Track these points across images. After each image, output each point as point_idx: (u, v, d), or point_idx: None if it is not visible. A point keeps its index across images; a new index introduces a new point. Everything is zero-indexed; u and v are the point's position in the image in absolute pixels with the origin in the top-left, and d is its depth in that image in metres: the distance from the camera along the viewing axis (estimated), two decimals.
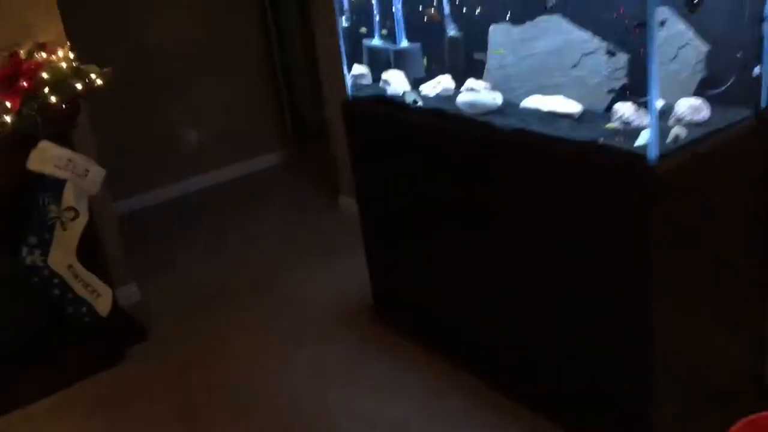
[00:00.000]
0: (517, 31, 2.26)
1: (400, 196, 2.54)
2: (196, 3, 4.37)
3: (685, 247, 1.81)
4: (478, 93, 2.22)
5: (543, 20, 2.18)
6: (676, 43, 1.89)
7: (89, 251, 2.74)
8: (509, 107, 2.20)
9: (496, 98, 2.18)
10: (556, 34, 2.15)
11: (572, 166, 1.89)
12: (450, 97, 2.38)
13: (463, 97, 2.24)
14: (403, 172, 2.48)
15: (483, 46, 2.37)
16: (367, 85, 2.66)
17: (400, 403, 2.40)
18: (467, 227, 2.28)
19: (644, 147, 1.75)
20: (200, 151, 4.52)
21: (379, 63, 2.67)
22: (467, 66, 2.44)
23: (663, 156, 1.72)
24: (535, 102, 2.16)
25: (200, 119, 4.51)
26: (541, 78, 2.22)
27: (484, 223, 2.21)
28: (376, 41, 2.69)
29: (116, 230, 3.18)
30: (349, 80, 2.62)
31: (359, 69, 2.67)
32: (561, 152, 1.92)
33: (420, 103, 2.37)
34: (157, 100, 4.30)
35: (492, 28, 2.33)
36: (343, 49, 2.59)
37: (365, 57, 2.70)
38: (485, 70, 2.38)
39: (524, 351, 2.22)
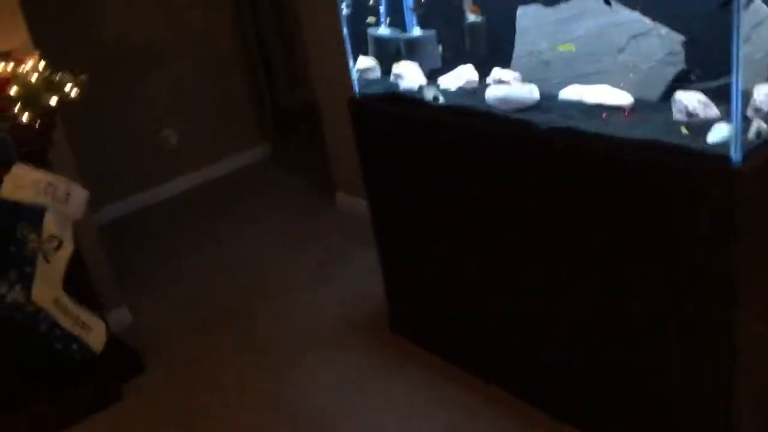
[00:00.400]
0: (550, 12, 2.02)
1: (417, 198, 2.30)
2: None
3: None
4: (511, 86, 1.98)
5: (582, 0, 1.93)
6: (750, 21, 1.67)
7: (74, 277, 2.45)
8: (546, 100, 1.96)
9: (532, 91, 1.94)
10: (598, 14, 1.91)
11: (633, 170, 1.67)
12: (475, 91, 2.13)
13: (493, 91, 1.99)
14: (421, 172, 2.24)
15: (509, 31, 2.12)
16: (375, 80, 2.40)
17: (431, 420, 2.20)
18: (496, 233, 2.06)
19: (722, 145, 1.53)
20: (179, 149, 4.22)
21: (387, 54, 2.40)
22: (491, 54, 2.19)
23: (746, 155, 1.51)
24: (576, 93, 1.93)
25: (176, 116, 4.19)
26: (581, 65, 1.98)
27: (517, 229, 1.99)
28: (383, 30, 2.42)
29: (101, 248, 2.89)
30: (354, 75, 2.35)
31: (366, 62, 2.41)
32: (617, 154, 1.69)
33: (442, 100, 2.12)
34: (127, 99, 3.97)
35: (520, 10, 2.08)
36: (347, 40, 2.31)
37: (371, 48, 2.43)
38: (513, 59, 2.14)
39: (569, 367, 2.02)
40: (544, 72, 2.07)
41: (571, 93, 1.94)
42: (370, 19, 2.35)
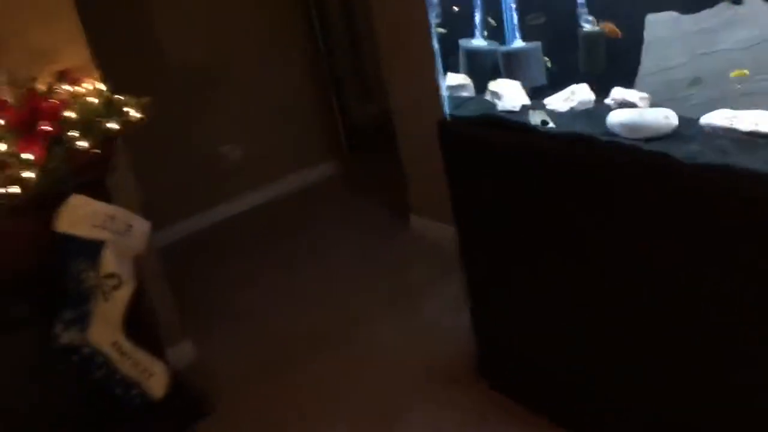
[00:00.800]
0: (689, 20, 1.68)
1: (516, 233, 1.99)
2: (229, 9, 3.83)
3: None
4: (640, 109, 1.65)
5: (731, 6, 1.59)
6: None
7: (134, 315, 2.24)
8: (683, 127, 1.63)
9: (669, 117, 1.61)
10: (753, 22, 1.57)
11: None
12: (591, 114, 1.81)
13: (618, 116, 1.67)
14: (523, 206, 1.93)
15: (633, 43, 1.79)
16: (468, 99, 2.10)
17: None
18: (611, 282, 1.74)
19: None
20: (244, 166, 4.01)
21: (481, 69, 2.11)
22: (611, 71, 1.86)
23: None
24: (725, 118, 1.58)
25: (243, 131, 4.00)
26: (729, 85, 1.64)
27: (639, 281, 1.66)
28: (478, 41, 2.12)
29: (163, 279, 2.68)
30: (444, 93, 2.05)
31: (456, 79, 2.11)
32: None
33: (551, 124, 1.80)
34: (191, 118, 3.79)
35: (651, 18, 1.75)
36: (438, 54, 2.02)
37: (463, 62, 2.14)
38: (638, 76, 1.81)
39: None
40: (678, 92, 1.74)
41: (717, 119, 1.60)
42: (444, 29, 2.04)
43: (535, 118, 1.82)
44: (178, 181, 3.75)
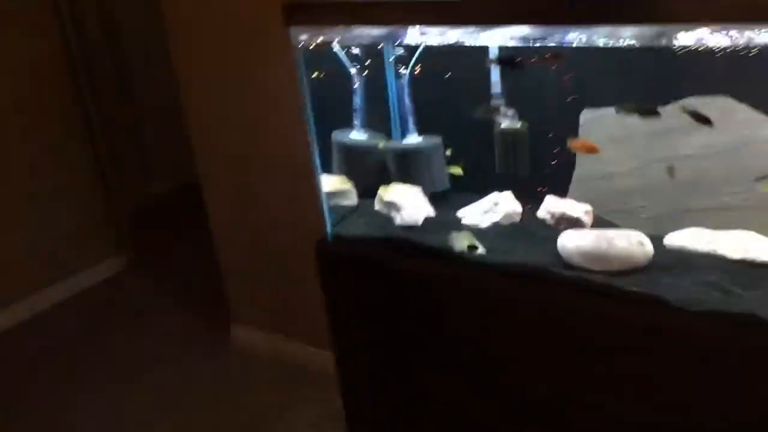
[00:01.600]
0: (637, 119, 1.37)
1: (425, 386, 1.53)
2: None
3: None
4: (606, 235, 1.29)
5: (697, 103, 1.31)
6: None
7: None
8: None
9: (644, 243, 1.27)
10: (723, 125, 1.30)
11: None
12: (525, 233, 1.43)
13: (575, 241, 1.30)
14: (437, 354, 1.48)
15: (560, 142, 1.46)
16: (351, 209, 1.61)
17: None
18: None
19: None
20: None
21: (365, 171, 1.63)
22: (534, 175, 1.50)
23: None
24: (703, 241, 1.29)
25: None
26: (690, 197, 1.35)
27: None
28: (357, 135, 1.65)
29: None
30: (325, 206, 1.54)
31: (337, 183, 1.61)
32: None
33: (480, 250, 1.38)
34: None
35: (587, 114, 1.42)
36: (316, 152, 1.50)
37: (339, 161, 1.65)
38: (572, 182, 1.47)
39: None
40: (621, 203, 1.42)
41: (692, 241, 1.30)
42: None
43: (460, 241, 1.38)
44: None
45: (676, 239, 1.31)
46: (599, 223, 1.41)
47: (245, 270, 2.51)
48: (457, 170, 1.52)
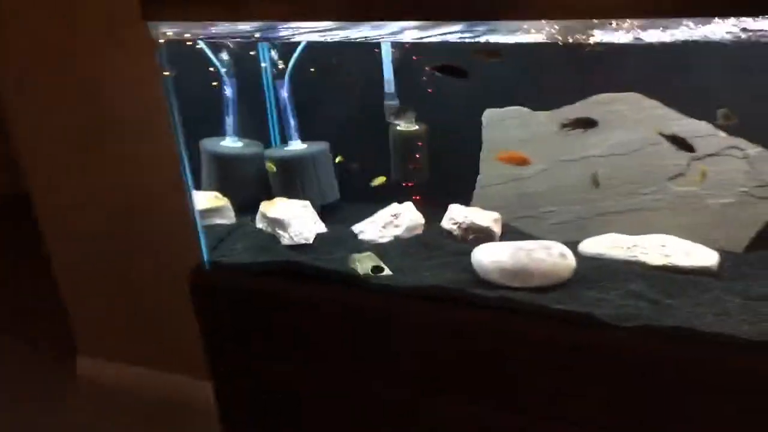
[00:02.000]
0: (544, 117, 1.27)
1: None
2: None
3: None
4: (523, 248, 1.16)
5: (606, 100, 1.23)
6: None
7: None
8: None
9: (566, 255, 1.15)
10: (634, 124, 1.22)
11: None
12: (429, 246, 1.28)
13: (491, 256, 1.16)
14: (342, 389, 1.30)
15: (471, 144, 1.33)
16: (230, 229, 1.38)
17: None
18: None
19: None
20: None
21: (241, 184, 1.42)
22: (434, 182, 1.36)
23: None
24: (622, 248, 1.20)
25: None
26: (602, 198, 1.27)
27: None
28: (231, 142, 1.43)
29: None
30: (198, 225, 1.30)
31: (210, 199, 1.38)
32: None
33: (387, 271, 1.21)
34: None
35: (490, 114, 1.30)
36: (186, 163, 1.26)
37: (212, 173, 1.42)
38: (476, 188, 1.34)
39: None
40: (530, 207, 1.31)
41: (609, 248, 1.21)
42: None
43: (363, 263, 1.21)
44: None
45: (591, 246, 1.21)
46: (507, 230, 1.30)
47: (93, 299, 2.17)
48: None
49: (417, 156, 1.34)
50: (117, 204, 1.82)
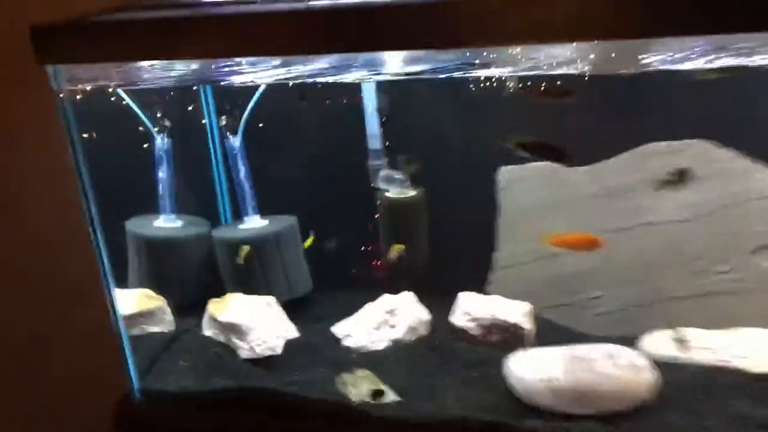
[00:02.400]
0: (583, 175, 0.97)
1: None
2: None
3: None
4: (578, 356, 0.85)
5: (662, 150, 0.94)
6: None
7: None
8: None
9: (638, 365, 0.84)
10: (704, 180, 0.93)
11: None
12: (443, 354, 0.95)
13: (530, 368, 0.84)
14: None
15: (483, 211, 1.02)
16: (168, 339, 1.02)
17: None
18: None
19: None
20: None
21: (180, 277, 1.06)
22: (442, 263, 1.04)
23: None
24: (696, 345, 0.89)
25: None
26: (666, 281, 0.96)
27: None
28: (165, 222, 1.08)
29: None
30: (125, 339, 0.93)
31: (139, 299, 1.03)
32: None
33: (390, 395, 0.87)
34: None
35: (507, 174, 0.99)
36: (103, 253, 0.90)
37: (140, 263, 1.06)
38: (494, 271, 1.02)
39: None
40: (567, 293, 1.00)
41: (678, 347, 0.90)
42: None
43: (358, 386, 0.87)
44: None
45: (657, 345, 0.90)
46: (539, 325, 0.98)
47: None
48: (308, 242, 1.03)
49: (412, 229, 1.02)
50: (26, 321, 1.41)
